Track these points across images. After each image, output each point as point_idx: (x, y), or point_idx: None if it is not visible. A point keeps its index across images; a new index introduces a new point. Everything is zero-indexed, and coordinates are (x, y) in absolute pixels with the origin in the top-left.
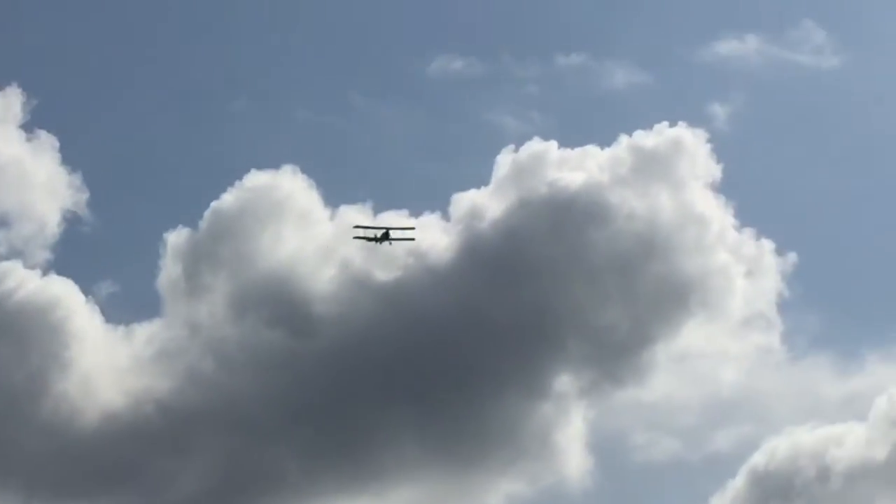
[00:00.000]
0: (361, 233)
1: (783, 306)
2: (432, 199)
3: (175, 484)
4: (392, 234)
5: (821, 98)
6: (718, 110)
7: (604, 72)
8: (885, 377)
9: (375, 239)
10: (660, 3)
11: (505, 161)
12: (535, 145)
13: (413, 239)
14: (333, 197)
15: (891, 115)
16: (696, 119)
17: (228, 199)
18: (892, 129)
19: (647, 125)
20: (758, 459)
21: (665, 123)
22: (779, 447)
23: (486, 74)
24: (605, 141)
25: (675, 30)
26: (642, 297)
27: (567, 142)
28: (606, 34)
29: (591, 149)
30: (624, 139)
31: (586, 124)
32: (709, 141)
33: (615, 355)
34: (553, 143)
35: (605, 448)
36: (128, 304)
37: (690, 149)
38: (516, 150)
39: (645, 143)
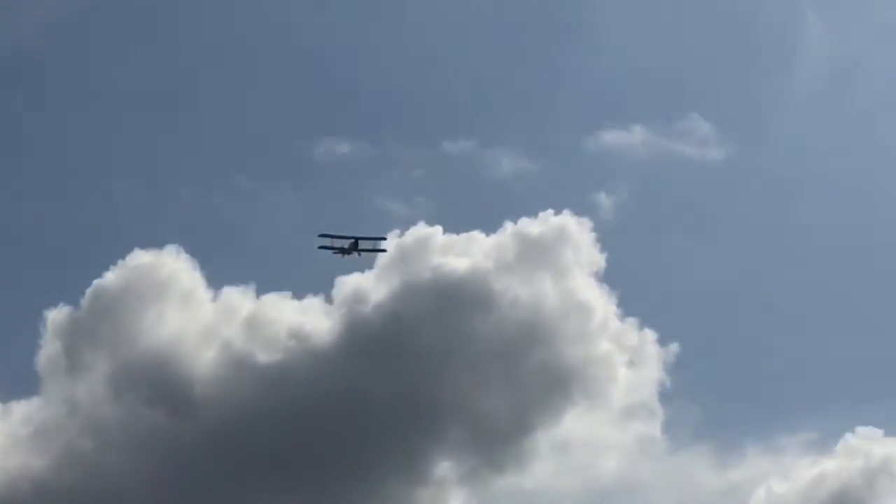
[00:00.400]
0: (328, 243)
1: (664, 396)
2: (316, 282)
3: None
4: (362, 244)
5: (705, 190)
6: (603, 200)
7: (490, 159)
8: (765, 469)
9: (343, 250)
10: (547, 92)
11: (390, 244)
12: (420, 230)
13: (385, 250)
14: (217, 278)
15: (773, 207)
16: (581, 208)
17: (111, 277)
18: (774, 221)
19: (533, 213)
20: None
21: (550, 211)
22: None
23: (372, 158)
24: (490, 227)
25: (562, 119)
26: (524, 385)
27: (452, 227)
28: (493, 121)
29: (476, 235)
30: (509, 226)
31: (472, 210)
32: (593, 230)
33: (496, 442)
34: (438, 229)
35: None
36: (6, 381)
37: (575, 237)
38: (401, 235)
39: (530, 230)
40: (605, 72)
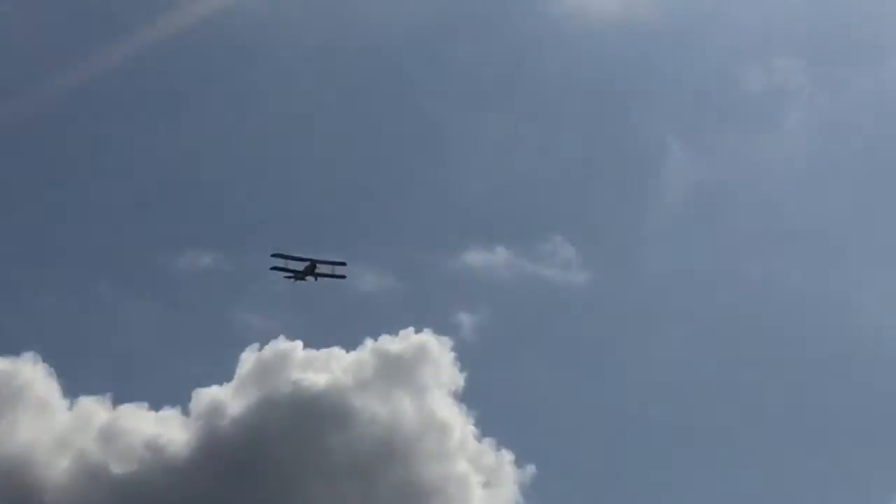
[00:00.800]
0: (281, 263)
1: None
2: (173, 394)
3: None
4: (320, 268)
5: (567, 312)
6: (465, 319)
7: (352, 275)
8: None
9: (297, 274)
10: (411, 211)
11: (249, 359)
12: (280, 344)
13: (344, 276)
14: (73, 387)
15: (633, 332)
16: (442, 327)
17: None
18: (634, 346)
19: (393, 330)
20: None
21: (411, 329)
22: None
23: (234, 271)
24: (351, 344)
25: (426, 237)
26: (381, 503)
27: (312, 342)
28: (356, 238)
29: (337, 351)
30: (369, 343)
31: (333, 326)
32: (453, 349)
33: None
34: (298, 343)
35: None
36: None
37: (435, 356)
38: (261, 349)
39: (390, 347)
40: (470, 192)
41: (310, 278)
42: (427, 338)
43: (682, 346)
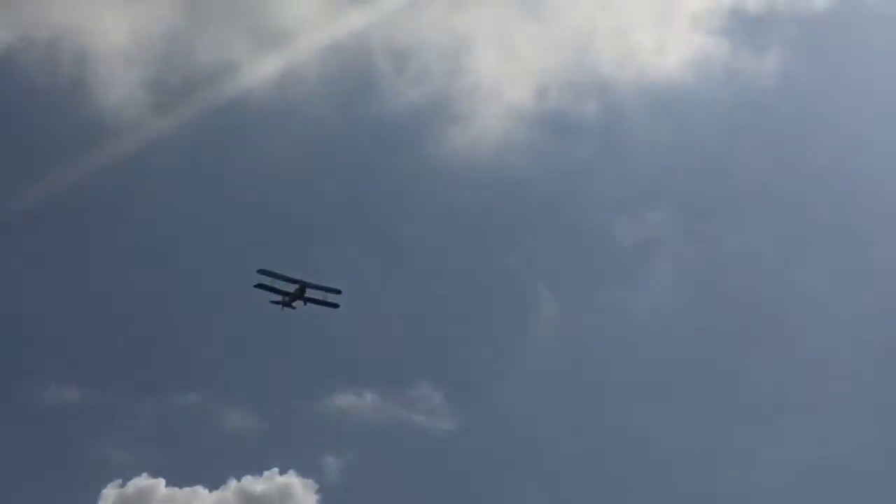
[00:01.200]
0: (268, 282)
1: None
2: None
3: None
4: (309, 293)
5: (433, 458)
6: (331, 462)
7: (218, 414)
8: None
9: (286, 297)
10: (279, 352)
11: (110, 494)
12: (142, 481)
13: (337, 305)
14: None
15: (500, 478)
16: (308, 469)
17: None
18: (499, 494)
19: (258, 471)
20: None
21: (276, 470)
22: None
23: (100, 405)
24: (214, 483)
25: (293, 379)
26: None
27: (175, 480)
28: (223, 376)
29: (200, 490)
30: (233, 483)
31: (196, 464)
32: (318, 492)
33: None
34: (161, 481)
35: None
36: None
37: (299, 498)
38: (123, 485)
39: (254, 488)
40: (339, 335)
41: (298, 303)
42: (292, 479)
43: (549, 497)
